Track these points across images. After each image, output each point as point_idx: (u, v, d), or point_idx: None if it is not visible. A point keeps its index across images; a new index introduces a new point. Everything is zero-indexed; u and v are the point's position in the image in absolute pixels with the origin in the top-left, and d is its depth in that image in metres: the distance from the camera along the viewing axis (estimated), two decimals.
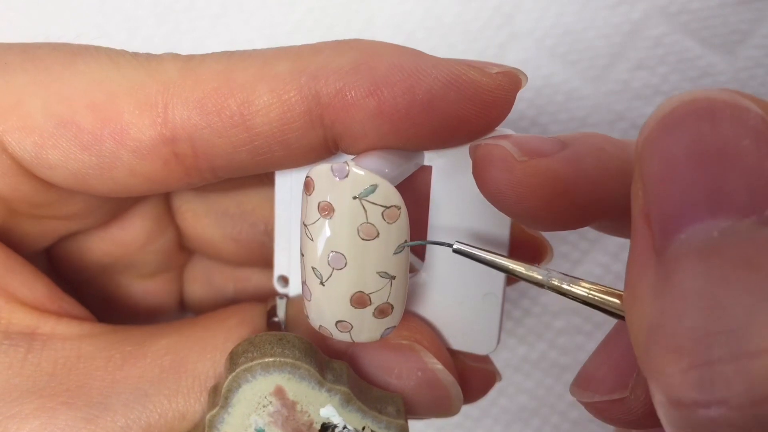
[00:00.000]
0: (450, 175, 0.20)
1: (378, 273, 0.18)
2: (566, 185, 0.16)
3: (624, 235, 0.19)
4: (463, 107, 0.17)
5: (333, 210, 0.17)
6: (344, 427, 0.18)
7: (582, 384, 0.17)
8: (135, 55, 0.19)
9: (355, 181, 0.17)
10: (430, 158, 0.20)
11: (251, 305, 0.21)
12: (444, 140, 0.18)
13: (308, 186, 0.17)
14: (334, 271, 0.17)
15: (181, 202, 0.24)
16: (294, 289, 0.22)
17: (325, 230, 0.17)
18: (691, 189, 0.11)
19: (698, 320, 0.11)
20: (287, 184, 0.21)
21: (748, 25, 0.33)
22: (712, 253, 0.11)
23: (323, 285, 0.18)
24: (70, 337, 0.19)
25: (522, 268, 0.16)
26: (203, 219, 0.24)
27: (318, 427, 0.18)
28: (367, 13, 0.32)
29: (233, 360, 0.18)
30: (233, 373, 0.18)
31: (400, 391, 0.20)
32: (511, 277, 0.19)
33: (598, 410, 0.17)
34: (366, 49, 0.17)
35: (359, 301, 0.18)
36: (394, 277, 0.18)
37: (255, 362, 0.18)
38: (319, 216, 0.17)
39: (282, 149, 0.18)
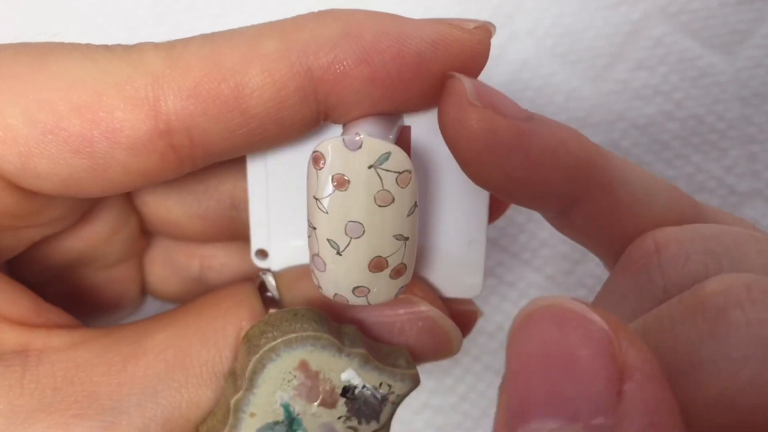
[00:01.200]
0: (429, 134, 0.20)
1: (394, 236, 0.18)
2: (508, 152, 0.17)
3: (571, 236, 0.20)
4: (449, 66, 0.18)
5: (348, 182, 0.17)
6: (363, 386, 0.19)
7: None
8: (110, 48, 0.18)
9: (370, 151, 0.17)
10: (408, 119, 0.20)
11: (240, 285, 0.21)
12: (430, 100, 0.18)
13: (317, 160, 0.17)
14: (352, 240, 0.18)
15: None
16: (276, 262, 0.22)
17: (341, 202, 0.17)
18: (534, 388, 0.12)
19: None
20: (261, 158, 0.21)
21: (748, 25, 0.33)
22: None
23: (340, 255, 0.18)
24: (64, 348, 0.19)
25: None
26: (166, 201, 0.23)
27: (339, 390, 0.19)
28: None
29: (252, 342, 0.18)
30: (257, 355, 0.18)
31: (404, 343, 0.21)
32: (492, 217, 0.20)
33: None
34: (349, 19, 0.17)
35: (377, 265, 0.18)
36: (407, 239, 0.19)
37: (278, 341, 0.18)
38: (333, 189, 0.17)
39: (276, 127, 0.18)
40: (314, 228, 0.18)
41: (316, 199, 0.18)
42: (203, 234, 0.24)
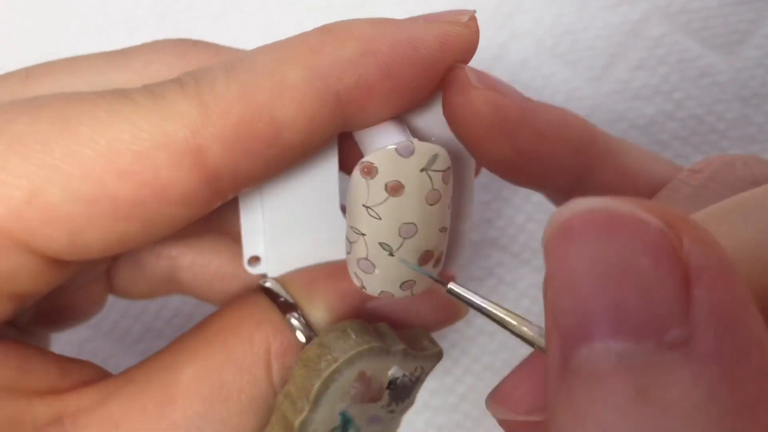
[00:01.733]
0: (421, 116, 0.20)
1: (439, 230, 0.19)
2: (516, 127, 0.18)
3: None
4: (453, 61, 0.18)
5: (402, 187, 0.18)
6: (403, 375, 0.20)
7: (498, 400, 0.17)
8: (132, 98, 0.17)
9: (421, 155, 0.18)
10: None
11: (254, 302, 0.21)
12: (433, 92, 0.19)
13: (370, 171, 0.18)
14: (405, 240, 0.19)
15: None
16: (272, 267, 0.22)
17: (395, 206, 0.18)
18: (591, 306, 0.11)
19: None
20: None
21: (748, 25, 0.33)
22: (608, 377, 0.11)
23: (392, 255, 0.19)
24: (96, 406, 0.18)
25: (515, 322, 0.16)
26: None
27: (386, 385, 0.20)
28: (367, 13, 0.32)
29: (311, 366, 0.19)
30: (321, 380, 0.19)
31: (420, 323, 0.22)
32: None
33: (511, 429, 0.17)
34: (362, 35, 0.18)
35: (426, 258, 0.19)
36: (446, 229, 0.19)
37: (339, 362, 0.19)
38: (387, 195, 0.18)
39: (306, 150, 0.18)
40: (363, 234, 0.19)
41: (367, 207, 0.18)
42: (177, 234, 0.24)
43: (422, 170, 0.18)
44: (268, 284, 0.21)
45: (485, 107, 0.18)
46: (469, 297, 0.16)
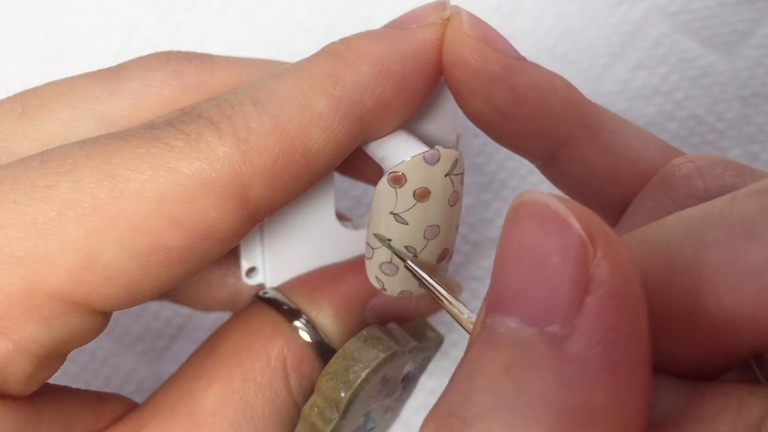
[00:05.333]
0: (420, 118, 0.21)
1: (455, 228, 0.20)
2: (495, 82, 0.18)
3: (563, 186, 0.21)
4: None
5: (429, 193, 0.19)
6: (414, 368, 0.21)
7: None
8: (170, 145, 0.16)
9: (446, 161, 0.18)
10: None
11: (255, 315, 0.21)
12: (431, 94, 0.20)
13: (399, 180, 0.18)
14: (429, 241, 0.19)
15: None
16: (271, 278, 0.22)
17: (422, 211, 0.19)
18: (505, 283, 0.12)
19: (454, 401, 0.12)
20: None
21: (748, 25, 0.33)
22: (492, 346, 0.12)
23: (416, 257, 0.20)
24: None
25: (451, 303, 0.18)
26: None
27: (401, 379, 0.21)
28: (367, 13, 0.33)
29: (339, 378, 0.19)
30: (351, 390, 0.19)
31: (420, 315, 0.22)
32: None
33: None
34: (370, 55, 0.18)
35: (443, 256, 0.20)
36: (458, 227, 0.20)
37: (366, 371, 0.19)
38: (415, 202, 0.19)
39: (331, 170, 0.19)
40: (389, 240, 0.19)
41: (395, 214, 0.19)
42: None
43: (446, 175, 0.19)
44: (269, 294, 0.21)
45: (471, 55, 0.18)
46: (424, 276, 0.19)
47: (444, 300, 0.18)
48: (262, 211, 0.18)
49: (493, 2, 0.32)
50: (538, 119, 0.18)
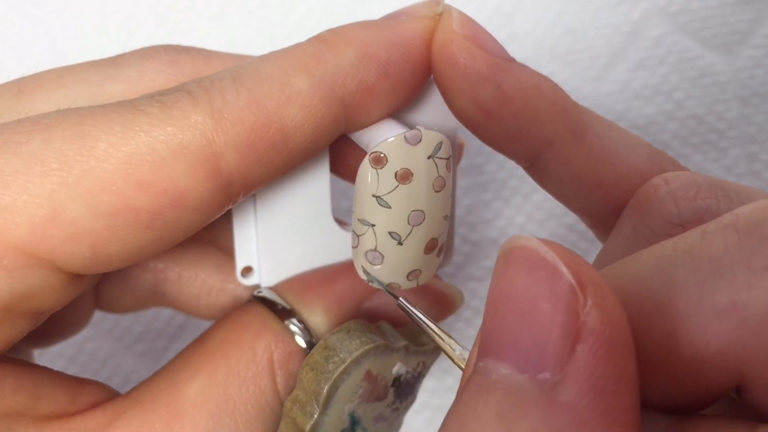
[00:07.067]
0: (414, 112, 0.21)
1: (443, 217, 0.20)
2: (481, 82, 0.18)
3: (548, 188, 0.21)
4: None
5: (411, 174, 0.18)
6: (407, 371, 0.21)
7: None
8: (144, 111, 0.17)
9: (428, 142, 0.18)
10: None
11: (246, 311, 0.21)
12: (424, 88, 0.20)
13: (380, 160, 0.18)
14: (414, 228, 0.19)
15: None
16: (266, 278, 0.22)
17: (405, 194, 0.18)
18: (497, 329, 0.13)
19: None
20: None
21: (748, 25, 0.33)
22: (485, 391, 0.12)
23: (401, 244, 0.19)
24: (104, 429, 0.18)
25: (444, 339, 0.18)
26: None
27: (390, 383, 0.20)
28: (367, 13, 0.33)
29: (318, 369, 0.19)
30: (330, 382, 0.19)
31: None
32: None
33: None
34: (356, 40, 0.18)
35: (431, 247, 0.20)
36: (449, 218, 0.20)
37: (347, 362, 0.19)
38: (397, 184, 0.18)
39: (311, 154, 0.19)
40: (372, 225, 0.19)
41: (377, 196, 0.18)
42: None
43: (429, 157, 0.18)
44: (263, 294, 0.21)
45: (459, 54, 0.18)
46: (415, 312, 0.19)
47: (436, 336, 0.18)
48: (237, 185, 0.17)
49: (493, 2, 0.32)
50: (522, 120, 0.18)
